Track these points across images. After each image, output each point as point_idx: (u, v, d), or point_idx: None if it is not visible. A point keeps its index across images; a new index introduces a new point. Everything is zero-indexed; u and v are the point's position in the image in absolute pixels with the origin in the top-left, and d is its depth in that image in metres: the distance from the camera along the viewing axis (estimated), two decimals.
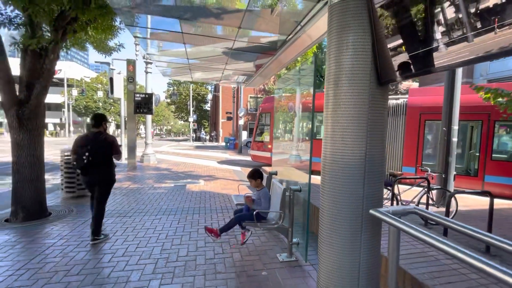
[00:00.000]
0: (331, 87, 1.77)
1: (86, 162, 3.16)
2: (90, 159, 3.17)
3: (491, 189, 7.27)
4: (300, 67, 3.70)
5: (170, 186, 6.95)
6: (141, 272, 2.65)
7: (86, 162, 3.16)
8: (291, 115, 4.74)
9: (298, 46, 4.80)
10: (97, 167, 3.25)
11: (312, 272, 2.73)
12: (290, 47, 4.89)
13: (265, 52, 4.86)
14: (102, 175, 3.33)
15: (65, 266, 2.74)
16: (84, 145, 3.23)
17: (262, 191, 2.97)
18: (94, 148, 3.22)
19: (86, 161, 3.16)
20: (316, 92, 4.27)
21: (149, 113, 10.63)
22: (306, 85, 4.16)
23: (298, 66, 7.11)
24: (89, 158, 3.16)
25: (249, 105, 31.31)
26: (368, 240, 1.77)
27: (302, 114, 4.02)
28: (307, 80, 4.02)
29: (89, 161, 3.17)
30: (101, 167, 3.30)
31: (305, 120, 4.18)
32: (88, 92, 38.14)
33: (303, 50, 5.10)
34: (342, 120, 1.72)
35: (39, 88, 3.89)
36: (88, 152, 3.17)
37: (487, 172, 7.33)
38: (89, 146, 3.21)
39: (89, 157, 3.17)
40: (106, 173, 3.38)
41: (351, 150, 1.70)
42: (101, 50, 8.95)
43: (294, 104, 4.62)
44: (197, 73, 6.76)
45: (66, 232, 3.67)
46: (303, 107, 4.29)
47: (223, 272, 2.70)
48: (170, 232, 3.73)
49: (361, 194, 1.72)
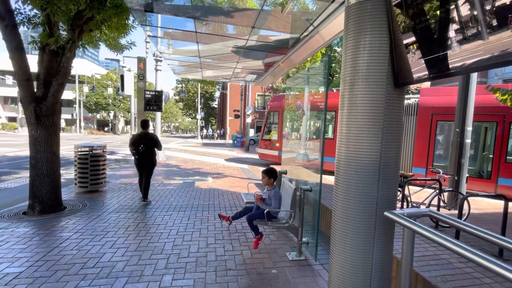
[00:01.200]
0: (347, 88, 1.78)
1: (141, 151, 4.73)
2: (144, 149, 4.72)
3: (504, 192, 7.12)
4: (310, 66, 3.70)
5: (179, 183, 7.05)
6: (154, 267, 2.72)
7: (141, 151, 4.73)
8: (298, 113, 4.75)
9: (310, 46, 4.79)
10: (146, 154, 4.80)
11: (322, 272, 2.75)
12: (302, 47, 4.89)
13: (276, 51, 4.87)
14: (150, 160, 4.92)
15: (82, 258, 2.83)
16: (139, 140, 4.78)
17: (273, 190, 2.99)
18: (146, 142, 4.79)
19: (141, 150, 4.72)
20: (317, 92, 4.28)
21: (158, 110, 10.76)
22: (316, 84, 4.15)
23: (308, 65, 7.07)
24: (143, 148, 4.72)
25: (257, 103, 31.32)
26: (381, 241, 1.77)
27: (310, 113, 4.02)
28: (317, 79, 4.01)
29: (143, 150, 4.73)
30: (149, 155, 4.85)
31: (314, 119, 4.18)
32: (98, 89, 38.83)
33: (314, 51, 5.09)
34: (357, 121, 1.73)
35: (56, 85, 4.00)
36: (143, 144, 4.73)
37: (501, 174, 7.17)
38: (142, 141, 4.77)
39: (143, 148, 4.72)
40: (152, 159, 4.98)
41: (366, 152, 1.71)
42: (113, 48, 9.10)
43: (303, 103, 4.62)
44: (208, 71, 6.81)
45: (81, 226, 3.78)
46: (312, 106, 4.29)
47: (233, 269, 2.74)
48: (180, 229, 3.81)
49: (375, 196, 1.73)
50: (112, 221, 4.01)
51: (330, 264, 1.97)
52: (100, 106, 39.97)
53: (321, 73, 3.54)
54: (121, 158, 12.77)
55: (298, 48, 5.07)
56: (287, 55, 5.54)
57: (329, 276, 1.97)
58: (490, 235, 1.24)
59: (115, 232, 3.58)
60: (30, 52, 28.89)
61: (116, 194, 5.65)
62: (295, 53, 5.34)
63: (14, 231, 3.51)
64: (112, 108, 41.24)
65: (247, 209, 3.13)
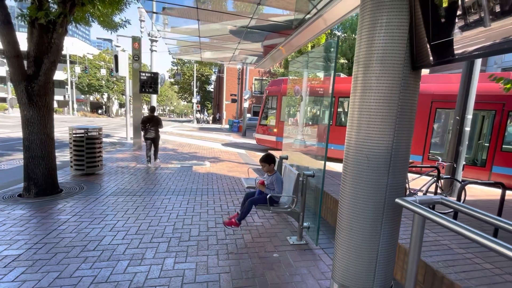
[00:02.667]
0: (360, 70, 1.69)
1: (150, 128, 6.70)
2: (151, 127, 6.70)
3: (498, 179, 7.26)
4: (315, 49, 3.56)
5: (177, 167, 7.00)
6: (155, 250, 2.71)
7: (149, 129, 6.70)
8: (296, 99, 4.64)
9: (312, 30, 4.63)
10: (153, 130, 6.74)
11: (323, 256, 2.78)
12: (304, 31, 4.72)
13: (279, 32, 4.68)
14: (155, 134, 6.82)
15: (81, 241, 2.81)
16: (147, 121, 6.71)
17: (275, 175, 2.95)
18: (152, 122, 6.73)
19: (148, 127, 6.69)
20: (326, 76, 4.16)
21: (154, 93, 10.50)
22: (317, 68, 4.03)
23: (309, 49, 6.85)
24: (150, 127, 6.70)
25: (254, 88, 30.88)
26: (388, 228, 1.76)
27: (314, 99, 3.92)
28: (319, 63, 3.88)
29: (150, 128, 6.69)
30: (154, 130, 6.77)
31: (313, 104, 4.09)
32: (91, 70, 37.67)
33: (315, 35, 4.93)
34: (370, 105, 1.66)
35: (47, 63, 3.80)
36: (150, 123, 6.69)
37: (496, 163, 7.28)
38: (150, 121, 6.71)
39: (151, 127, 6.70)
40: (157, 133, 6.90)
41: (378, 138, 1.65)
42: (106, 25, 8.68)
43: (306, 87, 4.51)
44: (207, 52, 6.56)
45: (79, 209, 3.73)
46: (311, 91, 4.19)
47: (235, 252, 2.75)
48: (180, 212, 3.79)
49: (384, 183, 1.69)
50: (110, 204, 3.97)
51: (335, 250, 1.97)
52: (93, 88, 38.96)
53: (329, 55, 3.42)
54: (117, 141, 12.61)
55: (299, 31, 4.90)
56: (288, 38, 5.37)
57: (333, 262, 1.97)
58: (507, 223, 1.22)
59: (114, 215, 3.55)
60: (18, 29, 27.49)
61: (114, 177, 5.58)
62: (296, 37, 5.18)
63: (10, 213, 3.45)
64: (105, 90, 40.26)
65: (248, 195, 3.10)
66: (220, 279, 2.29)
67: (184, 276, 2.30)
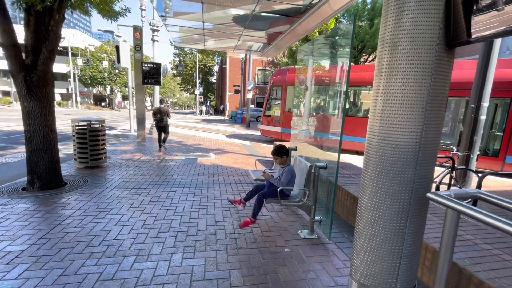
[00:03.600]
0: (386, 50, 1.51)
1: (158, 118, 7.88)
2: (159, 116, 7.87)
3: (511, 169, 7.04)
4: (329, 32, 3.34)
5: (181, 159, 6.90)
6: (162, 245, 2.62)
7: (159, 118, 7.88)
8: (301, 89, 4.45)
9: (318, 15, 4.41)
10: (161, 120, 7.89)
11: (336, 250, 2.67)
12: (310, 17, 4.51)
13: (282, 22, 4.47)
14: (164, 122, 7.95)
15: (86, 236, 2.72)
16: (157, 112, 7.96)
17: (287, 167, 2.81)
18: (161, 113, 7.89)
19: (158, 117, 7.88)
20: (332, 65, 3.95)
21: (157, 84, 10.31)
22: (325, 56, 3.82)
23: (317, 35, 6.58)
24: (160, 117, 7.87)
25: (257, 78, 30.46)
26: (414, 225, 1.62)
27: (327, 87, 3.73)
28: (324, 50, 3.67)
29: (160, 118, 7.87)
30: (163, 120, 7.91)
31: (325, 93, 3.90)
32: (93, 62, 37.43)
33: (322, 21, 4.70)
34: (397, 90, 1.48)
35: (45, 52, 3.65)
36: (159, 114, 7.88)
37: (510, 152, 7.04)
38: (159, 112, 7.91)
39: (161, 116, 7.87)
40: (165, 122, 8.00)
41: (406, 125, 1.48)
42: (106, 14, 8.44)
43: (313, 76, 4.31)
44: (211, 40, 6.34)
45: (84, 202, 3.65)
46: (320, 79, 3.99)
47: (244, 247, 2.65)
48: (186, 205, 3.69)
49: (412, 176, 1.54)
50: (115, 197, 3.89)
51: (354, 246, 1.84)
52: (96, 80, 38.83)
53: (339, 40, 3.21)
54: (121, 134, 12.55)
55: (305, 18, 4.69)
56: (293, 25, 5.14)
57: (351, 260, 1.85)
58: None
59: (119, 209, 3.46)
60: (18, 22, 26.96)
61: (118, 170, 5.50)
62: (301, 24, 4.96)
63: (14, 207, 3.38)
64: (108, 82, 40.11)
65: (258, 187, 2.97)
66: (231, 276, 2.19)
67: (193, 273, 2.21)
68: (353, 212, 3.28)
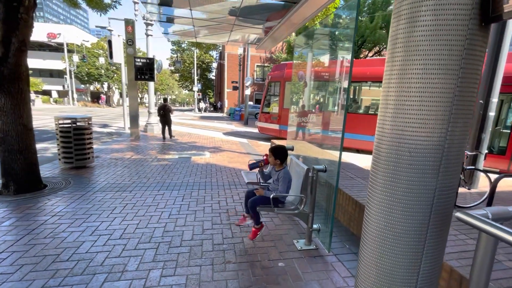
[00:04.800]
0: (402, 27, 1.19)
1: (162, 113, 9.33)
2: (163, 112, 9.30)
3: None
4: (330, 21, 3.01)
5: (175, 158, 6.59)
6: (139, 259, 2.32)
7: (162, 113, 9.34)
8: (300, 85, 4.13)
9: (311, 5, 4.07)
10: (165, 115, 9.35)
11: (336, 264, 2.37)
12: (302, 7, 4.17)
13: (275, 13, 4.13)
14: (167, 117, 9.44)
15: (55, 249, 2.42)
16: (162, 108, 9.33)
17: (282, 171, 2.49)
18: (165, 109, 9.31)
19: (162, 113, 9.34)
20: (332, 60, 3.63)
21: (151, 80, 9.95)
22: (327, 50, 3.50)
23: (317, 26, 6.27)
24: (164, 113, 9.32)
25: (256, 75, 30.04)
26: (433, 244, 1.32)
27: (324, 83, 3.41)
28: (322, 43, 3.35)
29: (164, 114, 9.33)
30: (166, 115, 9.38)
31: (321, 90, 3.58)
32: (90, 59, 36.85)
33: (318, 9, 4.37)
34: (416, 80, 1.17)
35: (16, 43, 3.31)
36: (162, 110, 9.31)
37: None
38: (162, 108, 9.32)
39: (164, 113, 9.32)
40: (169, 117, 9.48)
41: (427, 126, 1.17)
42: (95, 6, 8.05)
43: (312, 72, 3.99)
44: (203, 31, 5.99)
45: (61, 207, 3.34)
46: (315, 75, 3.67)
47: (233, 261, 2.35)
48: (173, 211, 3.39)
49: (432, 187, 1.23)
50: (96, 202, 3.58)
51: (358, 266, 1.54)
52: (93, 77, 38.28)
53: (342, 31, 2.88)
54: (114, 131, 12.20)
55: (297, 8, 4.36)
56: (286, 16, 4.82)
57: (356, 281, 1.55)
58: None
59: (98, 215, 3.16)
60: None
61: (105, 170, 5.19)
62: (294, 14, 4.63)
63: None
64: (105, 79, 39.57)
65: (249, 193, 2.66)
66: None
67: None
68: (355, 218, 2.98)
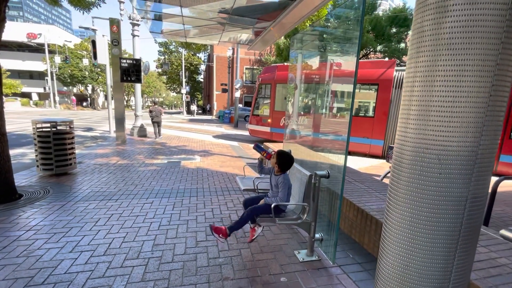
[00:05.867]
0: (428, 19, 1.05)
1: (154, 115, 10.33)
2: (155, 114, 10.32)
3: (505, 169, 6.90)
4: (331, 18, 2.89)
5: (163, 162, 6.30)
6: (126, 279, 2.08)
7: (154, 115, 10.33)
8: (291, 87, 4.01)
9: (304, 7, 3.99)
10: (156, 117, 10.32)
11: (342, 277, 2.22)
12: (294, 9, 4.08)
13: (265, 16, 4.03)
14: (158, 118, 10.34)
15: (28, 270, 2.13)
16: (152, 110, 10.41)
17: (282, 176, 2.32)
18: (156, 111, 10.38)
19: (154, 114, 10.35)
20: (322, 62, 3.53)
21: (137, 82, 9.60)
22: (330, 50, 3.40)
23: (308, 28, 6.19)
24: (155, 114, 10.34)
25: (245, 77, 29.92)
26: (462, 262, 1.18)
27: (319, 86, 3.29)
28: (312, 44, 3.24)
29: (154, 115, 10.33)
30: (157, 117, 10.34)
31: (318, 92, 3.46)
32: (73, 60, 35.62)
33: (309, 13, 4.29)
34: (447, 77, 1.03)
35: None
36: (153, 112, 10.37)
37: (504, 151, 6.90)
38: (153, 110, 10.40)
39: (155, 114, 10.34)
40: (159, 118, 10.38)
41: (459, 129, 1.04)
42: (77, 4, 7.67)
43: (308, 74, 3.87)
44: (193, 30, 5.77)
45: (37, 220, 3.03)
46: (308, 78, 3.55)
47: (231, 277, 2.15)
48: (163, 221, 3.15)
49: (464, 197, 1.10)
50: (78, 212, 3.28)
51: (376, 284, 1.39)
52: (76, 79, 37.01)
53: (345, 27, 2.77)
54: (99, 135, 11.70)
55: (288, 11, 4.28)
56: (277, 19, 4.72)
57: None
58: None
59: (80, 229, 2.87)
60: None
61: (89, 177, 4.85)
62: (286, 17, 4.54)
63: None
64: (89, 81, 38.35)
65: (247, 202, 2.47)
66: None
67: None
68: (357, 225, 2.85)
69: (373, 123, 8.78)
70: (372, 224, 2.58)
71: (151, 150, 7.84)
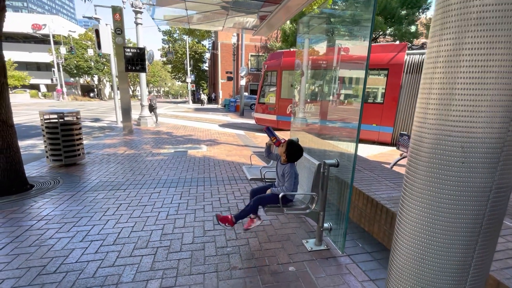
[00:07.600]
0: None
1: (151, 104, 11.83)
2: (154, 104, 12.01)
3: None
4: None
5: (170, 152, 6.32)
6: (136, 268, 2.10)
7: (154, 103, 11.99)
8: (298, 74, 3.87)
9: None
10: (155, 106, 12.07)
11: (351, 266, 2.19)
12: None
13: None
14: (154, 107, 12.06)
15: (41, 259, 2.18)
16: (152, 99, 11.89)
17: (289, 165, 2.26)
18: (154, 100, 12.05)
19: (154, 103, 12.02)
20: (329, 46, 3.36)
21: (142, 71, 9.53)
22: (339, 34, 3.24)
23: (316, 11, 5.93)
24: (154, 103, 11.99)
25: (250, 64, 29.45)
26: (482, 255, 1.12)
27: (341, 70, 3.16)
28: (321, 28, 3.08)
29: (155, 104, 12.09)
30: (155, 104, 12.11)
31: (328, 79, 3.33)
32: (78, 50, 35.58)
33: None
34: (474, 57, 0.93)
35: None
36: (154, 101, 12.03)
37: None
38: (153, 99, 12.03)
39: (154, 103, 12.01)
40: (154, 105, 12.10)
41: (487, 116, 0.95)
42: None
43: (317, 60, 3.72)
44: (196, 16, 5.61)
45: (49, 210, 3.09)
46: (315, 64, 3.41)
47: (239, 267, 2.14)
48: (171, 210, 3.16)
49: (488, 187, 1.02)
50: (87, 203, 3.33)
51: (388, 279, 1.34)
52: (82, 70, 37.10)
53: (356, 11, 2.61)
54: (106, 126, 11.80)
55: None
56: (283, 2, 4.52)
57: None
58: None
59: (90, 218, 2.91)
60: None
61: (97, 167, 4.91)
62: None
63: None
64: (95, 71, 38.41)
65: (254, 192, 2.44)
66: None
67: None
68: (366, 215, 2.80)
69: (382, 109, 8.55)
70: (383, 213, 2.53)
71: (158, 140, 7.86)
